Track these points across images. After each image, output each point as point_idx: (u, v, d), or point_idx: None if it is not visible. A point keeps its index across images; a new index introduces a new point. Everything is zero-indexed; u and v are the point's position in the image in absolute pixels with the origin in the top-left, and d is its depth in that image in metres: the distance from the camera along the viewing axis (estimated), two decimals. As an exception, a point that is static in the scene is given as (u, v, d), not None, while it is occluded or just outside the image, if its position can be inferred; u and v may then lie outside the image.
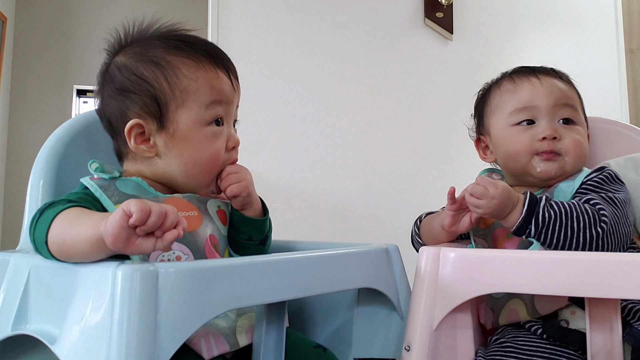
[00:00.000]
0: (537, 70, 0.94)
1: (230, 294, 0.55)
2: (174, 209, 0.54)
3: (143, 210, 0.51)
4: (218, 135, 0.76)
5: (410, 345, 0.70)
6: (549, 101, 0.89)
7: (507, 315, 0.80)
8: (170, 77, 0.73)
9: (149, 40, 0.77)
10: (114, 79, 0.76)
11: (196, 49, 0.76)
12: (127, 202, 0.52)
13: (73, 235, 0.57)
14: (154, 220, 0.52)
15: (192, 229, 0.73)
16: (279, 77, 1.98)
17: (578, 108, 0.92)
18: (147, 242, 0.53)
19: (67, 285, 0.56)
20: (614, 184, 0.84)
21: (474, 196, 0.79)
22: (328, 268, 0.67)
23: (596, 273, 0.62)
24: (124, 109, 0.74)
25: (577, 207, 0.77)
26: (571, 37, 2.21)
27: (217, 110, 0.76)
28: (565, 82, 0.93)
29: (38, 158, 0.84)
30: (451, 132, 2.04)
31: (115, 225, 0.52)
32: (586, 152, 0.91)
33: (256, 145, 1.93)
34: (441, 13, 2.09)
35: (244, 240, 0.82)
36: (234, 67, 0.81)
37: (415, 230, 0.97)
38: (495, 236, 0.89)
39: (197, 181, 0.77)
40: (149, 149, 0.74)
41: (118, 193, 0.71)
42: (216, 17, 1.93)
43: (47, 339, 0.55)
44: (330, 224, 1.97)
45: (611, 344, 0.66)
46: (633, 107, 2.25)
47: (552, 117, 0.89)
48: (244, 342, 0.68)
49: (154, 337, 0.49)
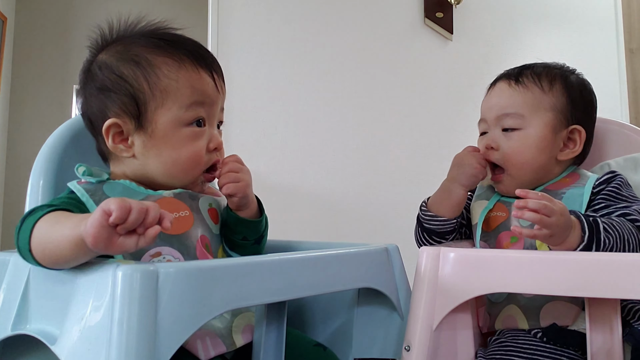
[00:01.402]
0: (500, 77, 0.95)
1: (231, 294, 0.55)
2: (156, 205, 0.53)
3: (123, 207, 0.50)
4: (199, 136, 0.75)
5: (410, 345, 0.70)
6: (491, 114, 0.92)
7: (504, 320, 0.80)
8: (150, 76, 0.72)
9: (132, 38, 0.76)
10: (95, 77, 0.75)
11: (178, 48, 0.75)
12: (106, 201, 0.51)
13: (53, 239, 0.56)
14: (134, 217, 0.51)
15: (183, 230, 0.72)
16: (279, 76, 1.98)
17: (526, 111, 0.88)
18: (129, 241, 0.52)
19: (67, 286, 0.56)
20: (629, 188, 0.85)
21: (541, 212, 0.68)
22: (328, 268, 0.67)
23: (596, 273, 0.62)
24: (103, 108, 0.74)
25: (627, 228, 0.75)
26: (571, 37, 2.21)
27: (198, 112, 0.75)
28: (518, 83, 0.90)
29: (38, 158, 0.84)
30: (451, 131, 2.04)
31: (95, 224, 0.50)
32: (530, 156, 0.88)
33: (256, 145, 1.93)
34: (441, 13, 2.09)
35: (239, 240, 0.81)
36: (219, 67, 0.79)
37: (422, 211, 0.95)
38: (499, 239, 0.89)
39: (179, 180, 0.76)
40: (127, 148, 0.73)
41: (106, 198, 0.70)
42: (216, 17, 1.93)
43: (47, 339, 0.55)
44: (330, 224, 1.97)
45: (611, 343, 0.66)
46: (633, 107, 2.25)
47: (495, 127, 0.91)
48: (240, 342, 0.68)
49: (154, 337, 0.49)
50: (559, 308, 0.76)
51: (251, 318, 0.71)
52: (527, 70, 0.93)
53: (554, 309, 0.76)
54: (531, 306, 0.78)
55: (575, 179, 0.89)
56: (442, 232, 0.94)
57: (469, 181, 0.91)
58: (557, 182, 0.89)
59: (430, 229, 0.94)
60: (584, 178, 0.88)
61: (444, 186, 0.94)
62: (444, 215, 0.92)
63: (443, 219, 0.92)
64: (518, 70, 0.94)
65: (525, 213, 0.69)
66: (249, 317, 0.71)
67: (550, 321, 0.76)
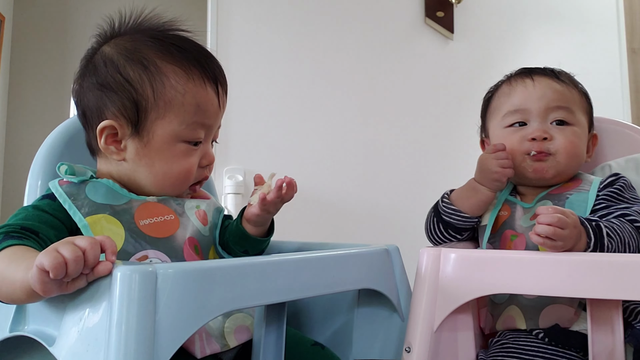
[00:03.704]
0: (534, 72, 0.94)
1: (230, 295, 0.54)
2: (92, 240, 0.51)
3: (57, 265, 0.48)
4: (193, 152, 0.74)
5: (411, 347, 0.70)
6: (540, 104, 0.89)
7: (504, 321, 0.80)
8: (157, 84, 0.70)
9: (142, 35, 0.74)
10: (98, 71, 0.72)
11: (188, 56, 0.73)
12: (39, 257, 0.49)
13: (8, 281, 0.54)
14: (73, 268, 0.49)
15: (169, 233, 0.72)
16: (279, 76, 1.97)
17: (575, 109, 0.91)
18: (79, 282, 0.51)
19: (66, 286, 0.56)
20: (632, 190, 0.85)
21: (556, 226, 0.68)
22: (328, 269, 0.66)
23: (598, 274, 0.61)
24: (101, 106, 0.72)
25: (627, 231, 0.76)
26: (573, 37, 2.20)
27: (197, 133, 0.73)
28: (563, 82, 0.92)
29: (36, 158, 0.84)
30: (451, 131, 2.04)
31: (38, 281, 0.49)
32: (580, 152, 0.90)
33: (255, 144, 1.92)
34: (442, 12, 2.09)
35: (239, 251, 0.81)
36: (225, 78, 0.78)
37: (444, 203, 0.93)
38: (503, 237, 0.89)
39: (166, 192, 0.75)
40: (119, 151, 0.72)
41: (88, 202, 0.68)
42: (216, 17, 1.92)
43: (45, 340, 0.55)
44: (330, 224, 1.96)
45: (613, 345, 0.66)
46: (635, 107, 2.24)
47: (544, 119, 0.89)
48: (234, 342, 0.68)
49: (152, 338, 0.48)
50: (560, 311, 0.75)
51: (243, 319, 0.70)
52: (561, 72, 0.94)
53: (554, 311, 0.76)
54: (532, 307, 0.77)
55: (578, 182, 0.89)
56: (461, 228, 0.92)
57: (493, 185, 0.88)
58: (561, 187, 0.89)
59: (449, 222, 0.92)
60: (587, 182, 0.88)
61: (471, 184, 0.91)
62: (467, 212, 0.90)
63: (466, 215, 0.90)
64: (551, 69, 0.95)
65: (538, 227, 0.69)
66: (241, 319, 0.70)
67: (549, 323, 0.76)
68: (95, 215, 0.68)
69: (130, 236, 0.69)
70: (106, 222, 0.68)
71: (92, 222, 0.67)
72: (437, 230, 0.94)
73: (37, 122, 3.78)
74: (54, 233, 0.65)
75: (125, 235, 0.68)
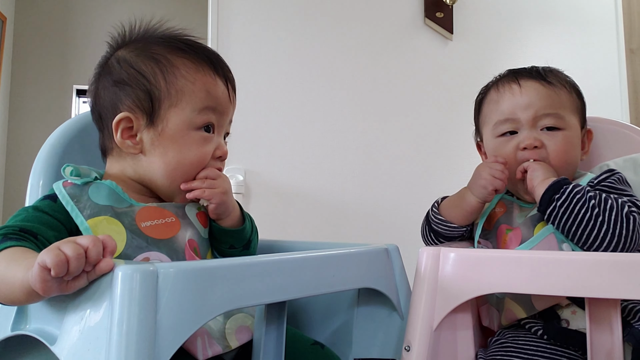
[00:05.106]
0: (520, 75, 0.93)
1: (230, 294, 0.55)
2: (94, 238, 0.51)
3: (59, 262, 0.48)
4: (207, 141, 0.75)
5: (410, 346, 0.70)
6: (528, 113, 0.89)
7: (505, 315, 0.81)
8: (168, 74, 0.73)
9: (153, 38, 0.77)
10: (112, 70, 0.75)
11: (198, 52, 0.76)
12: (41, 255, 0.49)
13: (7, 281, 0.55)
14: (74, 265, 0.49)
15: (170, 235, 0.72)
16: (279, 76, 1.97)
17: (564, 113, 0.89)
18: (79, 282, 0.51)
19: (67, 286, 0.56)
20: (625, 185, 0.84)
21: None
22: (328, 268, 0.67)
23: (596, 273, 0.62)
24: (116, 101, 0.74)
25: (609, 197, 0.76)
26: (571, 37, 2.21)
27: (209, 117, 0.75)
28: (550, 84, 0.90)
29: (38, 158, 0.84)
30: (451, 132, 2.04)
31: (39, 279, 0.49)
32: (572, 157, 0.89)
33: (256, 145, 1.93)
34: (441, 13, 2.09)
35: (226, 248, 0.81)
36: (233, 79, 0.80)
37: (433, 212, 0.94)
38: (498, 232, 0.89)
39: (177, 183, 0.75)
40: (134, 145, 0.73)
41: (90, 205, 0.69)
42: (216, 17, 1.93)
43: (47, 339, 0.55)
44: (330, 224, 1.96)
45: (611, 344, 0.66)
46: (633, 107, 2.25)
47: (533, 126, 0.89)
48: (235, 343, 0.68)
49: (154, 338, 0.48)
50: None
51: (244, 319, 0.71)
52: (549, 71, 0.93)
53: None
54: (521, 294, 0.77)
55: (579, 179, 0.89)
56: (450, 237, 0.94)
57: (479, 192, 0.88)
58: None
59: (437, 232, 0.94)
60: (582, 178, 0.88)
61: (462, 191, 0.92)
62: (454, 221, 0.91)
63: (453, 225, 0.91)
64: (537, 70, 0.93)
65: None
66: (242, 319, 0.71)
67: (544, 305, 0.76)
68: (97, 217, 0.68)
69: (132, 237, 0.69)
70: (107, 223, 0.68)
71: (94, 225, 0.68)
72: (429, 237, 0.96)
73: (38, 121, 3.79)
74: (54, 234, 0.65)
75: (126, 236, 0.69)
